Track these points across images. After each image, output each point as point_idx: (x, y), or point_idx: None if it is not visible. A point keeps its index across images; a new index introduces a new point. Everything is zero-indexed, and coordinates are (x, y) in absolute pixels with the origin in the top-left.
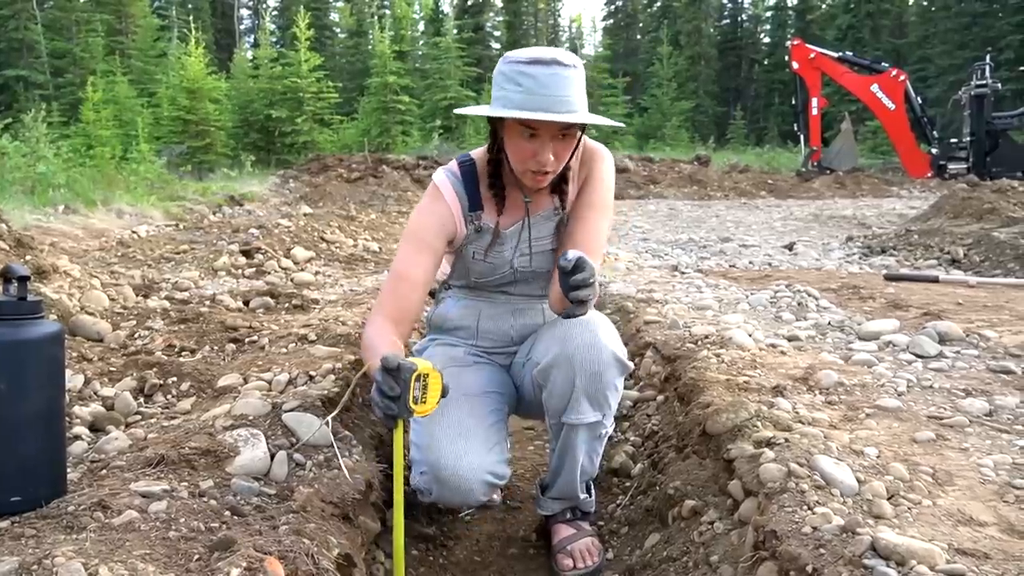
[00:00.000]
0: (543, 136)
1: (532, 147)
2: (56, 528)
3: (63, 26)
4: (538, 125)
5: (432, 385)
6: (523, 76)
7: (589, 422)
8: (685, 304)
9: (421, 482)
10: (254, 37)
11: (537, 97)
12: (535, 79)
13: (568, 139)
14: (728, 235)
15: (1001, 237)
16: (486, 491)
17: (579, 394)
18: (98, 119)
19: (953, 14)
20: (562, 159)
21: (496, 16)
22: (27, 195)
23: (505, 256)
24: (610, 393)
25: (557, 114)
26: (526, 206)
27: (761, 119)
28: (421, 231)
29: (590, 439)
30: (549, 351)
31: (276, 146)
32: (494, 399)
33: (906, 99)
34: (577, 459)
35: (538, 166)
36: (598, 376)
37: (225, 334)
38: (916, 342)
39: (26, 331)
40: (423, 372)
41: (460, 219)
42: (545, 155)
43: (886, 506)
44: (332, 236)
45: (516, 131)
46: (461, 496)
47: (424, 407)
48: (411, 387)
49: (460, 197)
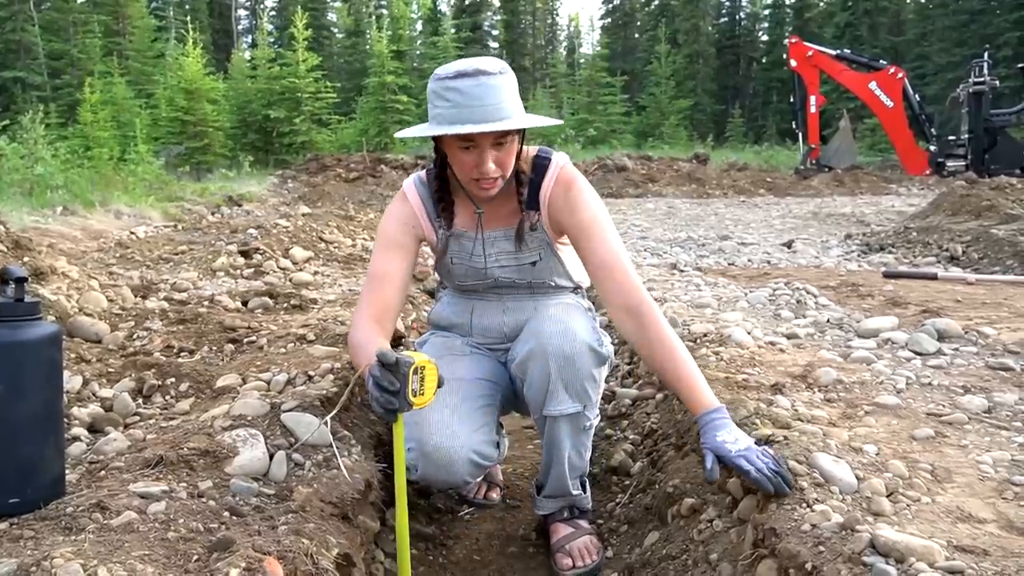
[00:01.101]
0: (481, 146)
1: (471, 158)
2: (55, 529)
3: (60, 27)
4: (472, 136)
5: (428, 376)
6: (450, 91)
7: (569, 413)
8: (684, 302)
9: (408, 458)
10: (252, 37)
11: (466, 110)
12: (462, 92)
13: (508, 145)
14: (727, 233)
15: (1000, 234)
16: (471, 470)
17: (556, 384)
18: (96, 120)
19: (951, 11)
20: (505, 165)
21: (494, 15)
22: (25, 196)
23: (478, 265)
24: (587, 383)
25: (487, 123)
26: (478, 218)
27: (759, 117)
28: (388, 231)
29: (574, 431)
30: (525, 345)
31: (274, 146)
32: (485, 386)
33: (904, 96)
34: (564, 453)
35: (480, 175)
36: (572, 365)
37: (224, 334)
38: (915, 339)
39: (24, 332)
40: (420, 364)
41: (425, 220)
42: (485, 165)
43: (885, 503)
44: (331, 236)
45: (454, 145)
46: (445, 472)
47: (422, 399)
48: (409, 380)
49: (424, 200)
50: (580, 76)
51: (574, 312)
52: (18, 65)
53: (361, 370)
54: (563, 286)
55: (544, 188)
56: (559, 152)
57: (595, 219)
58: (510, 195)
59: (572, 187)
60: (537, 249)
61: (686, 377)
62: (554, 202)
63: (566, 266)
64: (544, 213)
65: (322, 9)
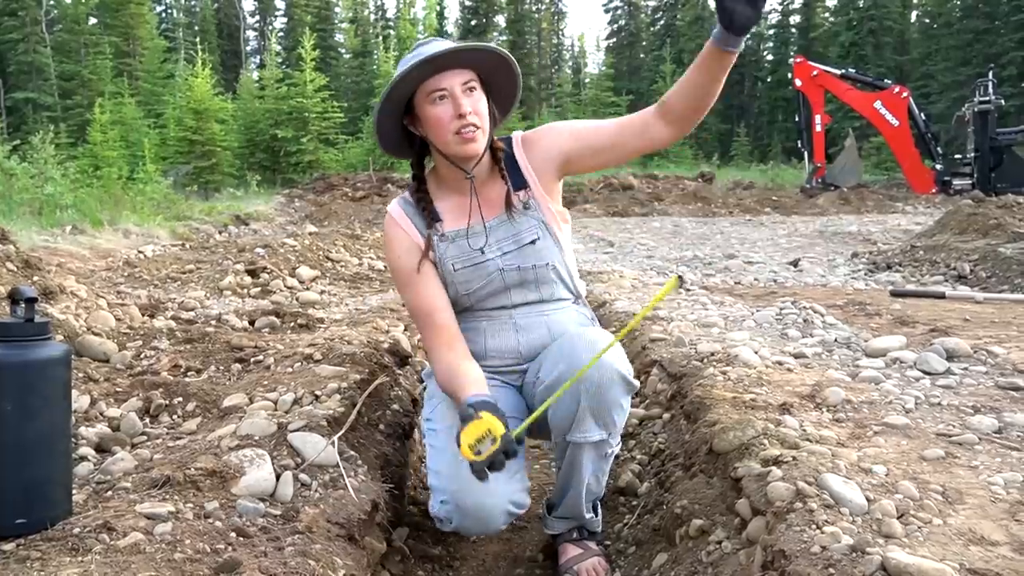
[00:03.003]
0: (451, 91)
1: (447, 109)
2: (61, 550)
3: (72, 49)
4: (441, 83)
5: (493, 425)
6: (412, 52)
7: (594, 440)
8: (691, 321)
9: (441, 511)
10: (260, 58)
11: (428, 53)
12: (423, 46)
13: (475, 91)
14: (733, 252)
15: (1007, 253)
16: (507, 520)
17: (584, 412)
18: (105, 140)
19: (955, 31)
20: (480, 112)
21: (500, 36)
22: (35, 216)
23: (478, 259)
24: (615, 411)
25: (441, 51)
26: (471, 184)
27: (765, 136)
28: (402, 266)
29: (596, 458)
30: (555, 369)
31: (281, 165)
32: (512, 424)
33: (910, 115)
34: (583, 478)
35: (461, 123)
36: (603, 394)
37: (231, 354)
38: (923, 359)
39: (33, 352)
40: (493, 432)
41: (418, 237)
42: (462, 107)
43: (896, 525)
44: (337, 255)
45: (426, 102)
46: (482, 526)
47: (502, 426)
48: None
49: (412, 217)
50: (585, 96)
51: (607, 338)
52: (30, 86)
53: (370, 388)
54: (567, 291)
55: (518, 156)
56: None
57: (571, 121)
58: (493, 175)
59: (536, 133)
60: (536, 228)
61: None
62: (533, 155)
63: (565, 254)
64: (531, 178)
65: (330, 30)
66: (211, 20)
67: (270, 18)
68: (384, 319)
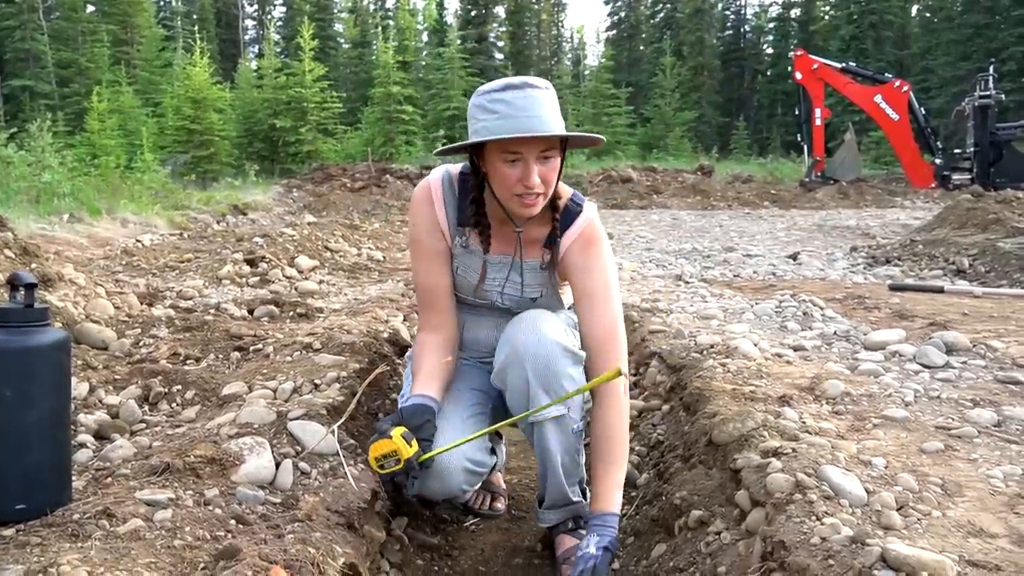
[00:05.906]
0: (526, 158)
1: (516, 172)
2: (61, 536)
3: (69, 37)
4: (519, 147)
5: (400, 447)
6: (497, 103)
7: (553, 416)
8: (690, 313)
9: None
10: (258, 47)
11: (513, 120)
12: (509, 104)
13: (551, 160)
14: (732, 245)
15: (1006, 247)
16: (466, 478)
17: (536, 389)
18: (103, 128)
19: (956, 25)
20: (549, 181)
21: (499, 27)
22: (32, 204)
23: (487, 289)
24: (565, 380)
25: (537, 131)
26: (517, 236)
27: (764, 129)
28: (422, 240)
29: (561, 435)
30: (501, 352)
31: (280, 155)
32: (476, 395)
33: (910, 109)
34: (556, 459)
35: (525, 190)
36: (549, 366)
37: (230, 342)
38: (923, 352)
39: (33, 338)
40: (399, 455)
41: (446, 227)
42: (531, 178)
43: (895, 517)
44: (336, 245)
45: (498, 159)
46: (441, 482)
47: (411, 449)
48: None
49: (449, 207)
50: (585, 88)
51: (546, 316)
52: (27, 74)
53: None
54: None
55: (569, 234)
56: (590, 202)
57: (606, 287)
58: (544, 222)
59: (593, 245)
60: (541, 287)
61: (606, 470)
62: (571, 254)
63: (563, 303)
64: (561, 250)
65: (329, 20)
66: (209, 9)
67: (269, 7)
68: (383, 309)
